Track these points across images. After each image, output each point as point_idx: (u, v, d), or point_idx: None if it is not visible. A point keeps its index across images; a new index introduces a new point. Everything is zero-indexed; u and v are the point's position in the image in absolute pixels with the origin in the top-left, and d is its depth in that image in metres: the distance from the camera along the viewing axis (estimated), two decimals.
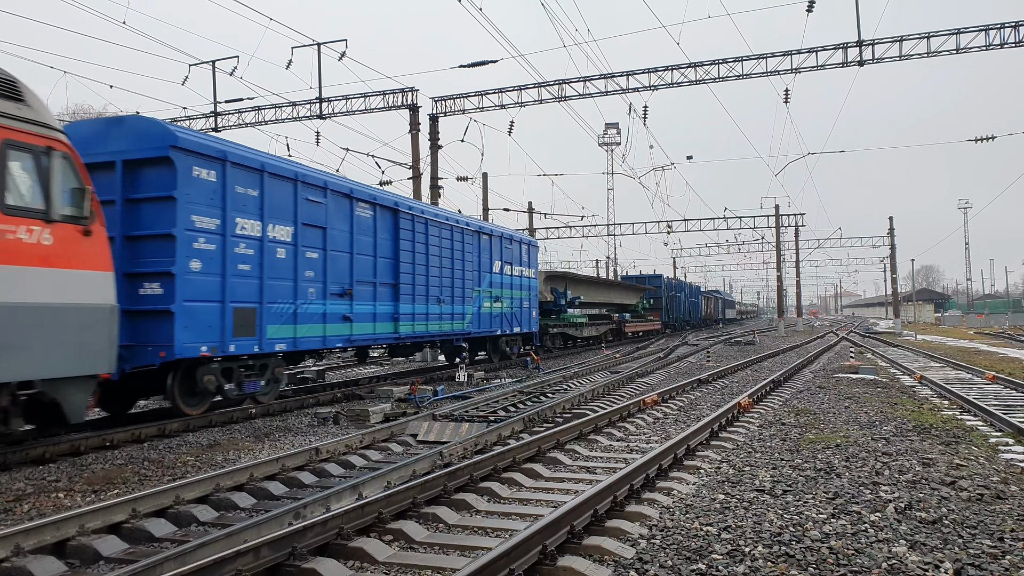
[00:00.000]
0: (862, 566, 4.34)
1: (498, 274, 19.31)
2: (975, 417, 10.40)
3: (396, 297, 14.34)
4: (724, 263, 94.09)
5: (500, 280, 19.46)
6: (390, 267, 14.25)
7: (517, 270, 20.73)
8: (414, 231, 15.13)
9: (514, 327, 20.34)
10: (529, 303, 21.68)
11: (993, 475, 6.67)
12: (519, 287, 20.87)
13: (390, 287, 14.20)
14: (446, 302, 16.47)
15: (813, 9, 21.72)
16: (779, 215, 48.16)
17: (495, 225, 21.03)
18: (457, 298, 17.05)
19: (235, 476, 6.61)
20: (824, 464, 7.16)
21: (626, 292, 39.68)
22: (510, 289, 20.11)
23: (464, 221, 18.05)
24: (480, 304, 18.15)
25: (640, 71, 24.80)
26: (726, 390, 14.16)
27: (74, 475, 7.34)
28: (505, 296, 19.72)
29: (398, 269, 14.44)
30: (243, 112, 27.41)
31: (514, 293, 20.38)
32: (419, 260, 15.36)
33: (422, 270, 15.43)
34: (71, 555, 4.90)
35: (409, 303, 14.80)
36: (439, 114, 26.56)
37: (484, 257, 18.62)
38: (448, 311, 16.54)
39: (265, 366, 11.51)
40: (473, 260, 17.99)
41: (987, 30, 21.62)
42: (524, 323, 21.28)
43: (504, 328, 19.63)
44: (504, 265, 19.70)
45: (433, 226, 16.09)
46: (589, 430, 9.11)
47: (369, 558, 4.63)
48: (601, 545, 4.64)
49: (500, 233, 19.96)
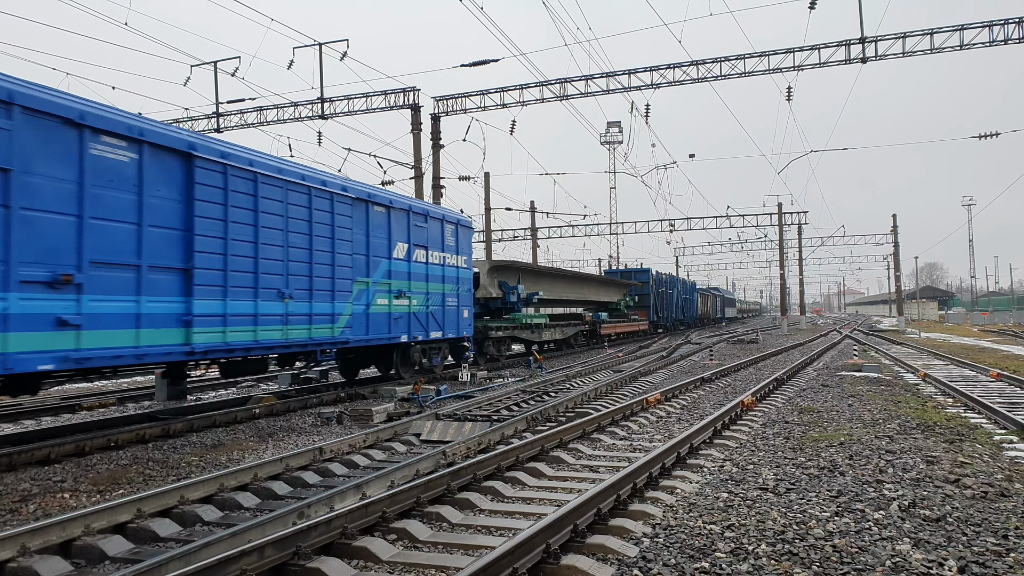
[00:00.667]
0: (866, 564, 4.34)
1: (402, 260, 14.56)
2: (979, 415, 10.37)
3: (188, 289, 9.41)
4: (727, 262, 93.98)
5: (407, 269, 14.73)
6: (177, 243, 9.33)
7: (436, 256, 15.97)
8: (228, 190, 10.10)
9: (432, 331, 15.69)
10: (458, 300, 16.92)
11: (997, 473, 6.66)
12: (441, 279, 16.12)
13: (175, 274, 9.28)
14: (298, 298, 11.34)
15: (816, 6, 21.67)
16: (782, 213, 48.08)
17: (397, 194, 15.25)
18: (321, 292, 11.90)
19: (239, 476, 6.63)
20: (827, 462, 7.16)
21: (604, 288, 35.08)
22: (424, 281, 15.28)
23: (336, 183, 12.64)
24: (370, 301, 13.31)
25: (642, 69, 24.77)
26: (729, 388, 14.15)
27: (79, 475, 7.37)
28: (416, 291, 14.98)
29: (192, 246, 9.45)
30: (245, 113, 27.45)
31: (432, 287, 15.65)
32: (239, 234, 10.18)
33: (245, 249, 10.29)
34: (77, 555, 4.92)
35: (215, 298, 9.80)
36: (441, 113, 26.57)
37: (377, 237, 13.66)
38: (302, 311, 11.42)
39: None
40: (355, 240, 12.91)
41: (991, 26, 21.56)
42: (450, 325, 16.51)
43: (415, 333, 14.97)
44: (414, 249, 14.96)
45: (269, 185, 10.81)
46: (592, 429, 9.11)
47: (373, 557, 4.64)
48: (604, 544, 4.65)
49: (406, 206, 14.81)
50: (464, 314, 17.37)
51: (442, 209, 17.28)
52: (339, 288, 12.46)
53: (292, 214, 11.34)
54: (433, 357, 16.65)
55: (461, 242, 17.37)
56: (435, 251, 15.97)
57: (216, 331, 9.83)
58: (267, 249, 10.79)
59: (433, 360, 16.68)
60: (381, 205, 13.92)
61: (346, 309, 12.71)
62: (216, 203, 9.94)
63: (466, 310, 17.50)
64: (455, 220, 17.24)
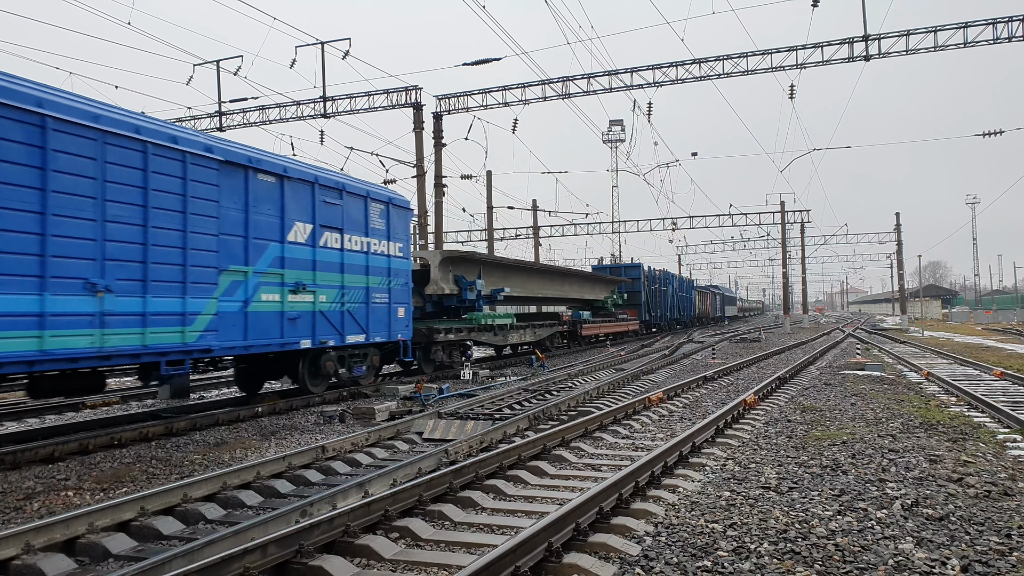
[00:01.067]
0: (868, 563, 4.33)
1: (303, 246, 11.65)
2: (983, 413, 10.36)
3: None
4: (730, 260, 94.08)
5: (311, 256, 11.81)
6: None
7: (357, 242, 13.11)
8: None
9: (351, 334, 12.84)
10: (389, 296, 14.10)
11: (1001, 472, 6.65)
12: (363, 270, 13.29)
13: None
14: (122, 291, 8.63)
15: (818, 4, 21.62)
16: (784, 212, 48.03)
17: (297, 162, 12.38)
18: (163, 284, 9.17)
19: (242, 474, 6.64)
20: (830, 461, 7.15)
21: (589, 284, 31.94)
22: (338, 273, 12.51)
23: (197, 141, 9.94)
24: (249, 296, 10.45)
25: (644, 68, 24.76)
26: (731, 387, 14.14)
27: (83, 473, 7.39)
28: (326, 284, 12.16)
29: None
30: (247, 112, 27.50)
31: (350, 280, 12.84)
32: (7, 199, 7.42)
33: (19, 222, 7.52)
34: (81, 553, 4.94)
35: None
36: (443, 112, 26.59)
37: (262, 214, 10.73)
38: (130, 308, 8.73)
39: None
40: (224, 216, 10.15)
41: (995, 24, 21.51)
42: (377, 327, 13.72)
43: (324, 336, 12.06)
44: (323, 232, 12.10)
45: (71, 135, 8.11)
46: (594, 427, 9.12)
47: (376, 555, 4.65)
48: (607, 542, 4.65)
49: (310, 177, 11.87)
50: (399, 313, 14.43)
51: (365, 184, 13.86)
52: (195, 279, 9.61)
53: (114, 177, 8.54)
54: (355, 366, 13.58)
55: (394, 226, 14.39)
56: (355, 235, 13.05)
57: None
58: (65, 224, 7.93)
59: (355, 370, 13.57)
60: (268, 173, 10.90)
61: (207, 307, 9.81)
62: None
63: (401, 308, 14.55)
64: (385, 198, 14.14)
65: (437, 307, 19.23)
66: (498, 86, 26.07)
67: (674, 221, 48.92)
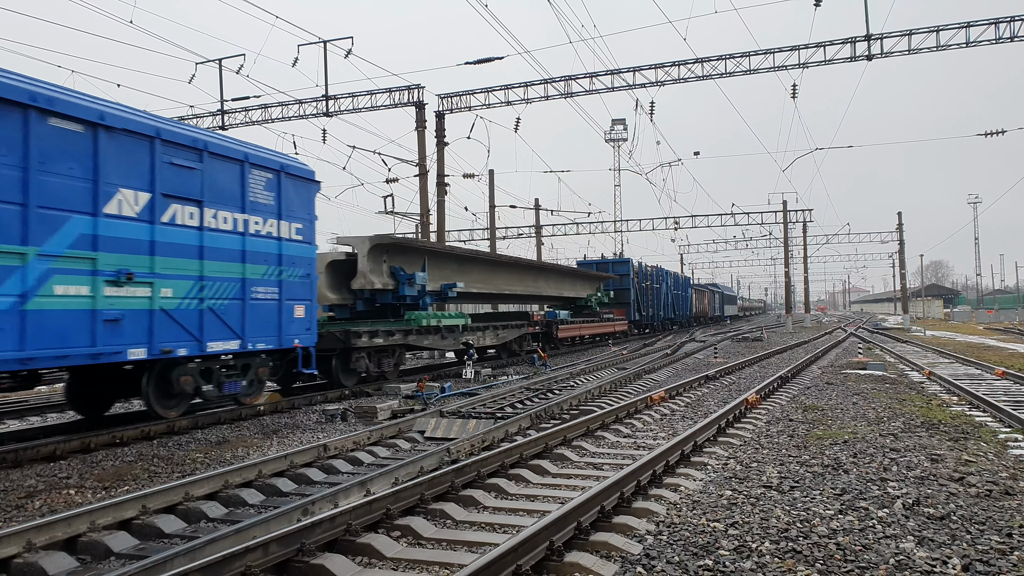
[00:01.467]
0: (870, 562, 4.33)
1: (134, 222, 8.86)
2: (984, 413, 10.34)
3: None
4: (732, 259, 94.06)
5: (148, 236, 9.03)
6: None
7: (227, 219, 10.23)
8: None
9: (215, 340, 9.98)
10: (280, 291, 11.12)
11: (1002, 471, 6.64)
12: (237, 256, 10.35)
13: None
14: None
15: (821, 3, 21.59)
16: (787, 211, 47.97)
17: (125, 108, 9.14)
18: None
19: (244, 473, 6.65)
20: (832, 460, 7.15)
21: (569, 280, 28.89)
22: (196, 259, 9.69)
23: None
24: (30, 288, 7.67)
25: (647, 67, 24.74)
26: (734, 386, 14.13)
27: (85, 472, 7.41)
28: (174, 273, 9.35)
29: None
30: (250, 110, 27.49)
31: (213, 268, 9.94)
32: None
33: None
34: (82, 551, 4.95)
35: None
36: (445, 111, 26.58)
37: (57, 173, 7.97)
38: None
39: None
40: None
41: (997, 23, 21.46)
42: (261, 330, 10.74)
43: (171, 343, 9.28)
44: (166, 205, 9.26)
45: None
46: (596, 426, 9.12)
47: (377, 554, 4.65)
48: (608, 541, 4.65)
49: (146, 128, 9.06)
50: (295, 312, 11.44)
51: (243, 145, 10.73)
52: None
53: None
54: (228, 382, 10.56)
55: (289, 201, 11.32)
56: (223, 211, 10.16)
57: None
58: None
59: (227, 387, 10.53)
60: (70, 119, 8.13)
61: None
62: None
63: (299, 306, 11.54)
64: (276, 165, 11.03)
65: (370, 305, 16.32)
66: (500, 85, 26.05)
67: (676, 220, 48.85)
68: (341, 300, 15.86)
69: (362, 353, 14.26)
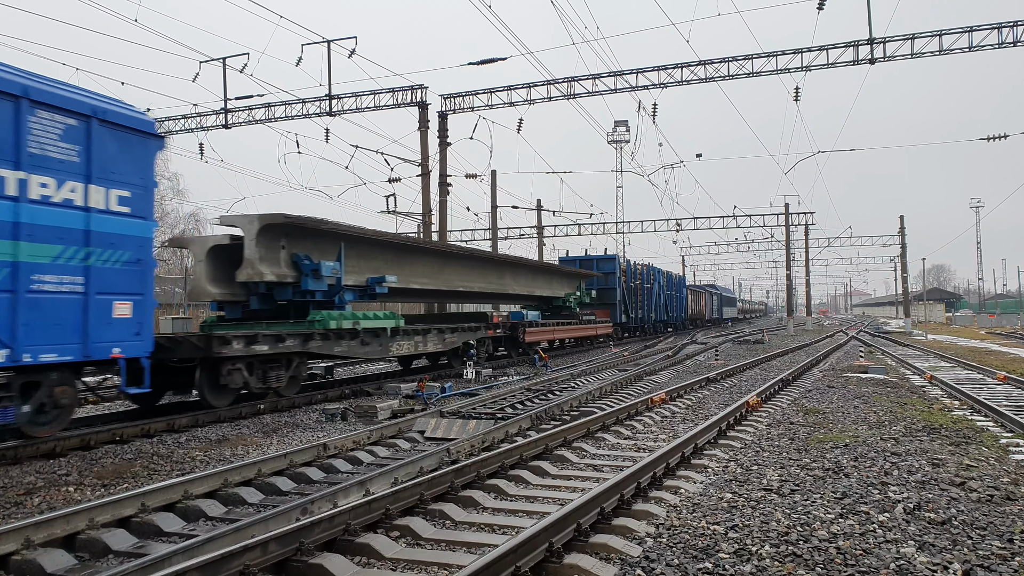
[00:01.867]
0: (870, 566, 4.32)
1: None
2: (985, 418, 10.32)
3: None
4: (733, 262, 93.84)
5: None
6: None
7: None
8: None
9: None
10: (87, 282, 8.38)
11: (1003, 476, 6.62)
12: (6, 232, 7.53)
13: None
14: None
15: (824, 7, 21.58)
16: (789, 213, 47.93)
17: None
18: None
19: (243, 471, 6.64)
20: (832, 464, 7.13)
21: (543, 277, 25.74)
22: None
23: None
24: None
25: (650, 68, 24.73)
26: (734, 389, 14.11)
27: (84, 469, 7.40)
28: None
29: None
30: (253, 109, 27.51)
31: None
32: None
33: None
34: (80, 548, 4.94)
35: None
36: (448, 111, 26.59)
37: None
38: None
39: None
40: None
41: (1000, 28, 21.44)
42: (49, 335, 7.94)
43: None
44: None
45: None
46: (596, 428, 9.10)
47: (376, 554, 4.64)
48: (608, 543, 4.64)
49: None
50: (115, 311, 8.73)
51: (26, 76, 7.95)
52: None
53: None
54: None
55: (105, 160, 8.60)
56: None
57: None
58: None
59: None
60: None
61: None
62: None
63: (123, 303, 8.86)
64: (85, 109, 8.38)
65: (268, 303, 13.28)
66: (503, 86, 26.06)
67: (678, 222, 48.83)
68: (229, 296, 12.78)
69: (237, 364, 10.89)
